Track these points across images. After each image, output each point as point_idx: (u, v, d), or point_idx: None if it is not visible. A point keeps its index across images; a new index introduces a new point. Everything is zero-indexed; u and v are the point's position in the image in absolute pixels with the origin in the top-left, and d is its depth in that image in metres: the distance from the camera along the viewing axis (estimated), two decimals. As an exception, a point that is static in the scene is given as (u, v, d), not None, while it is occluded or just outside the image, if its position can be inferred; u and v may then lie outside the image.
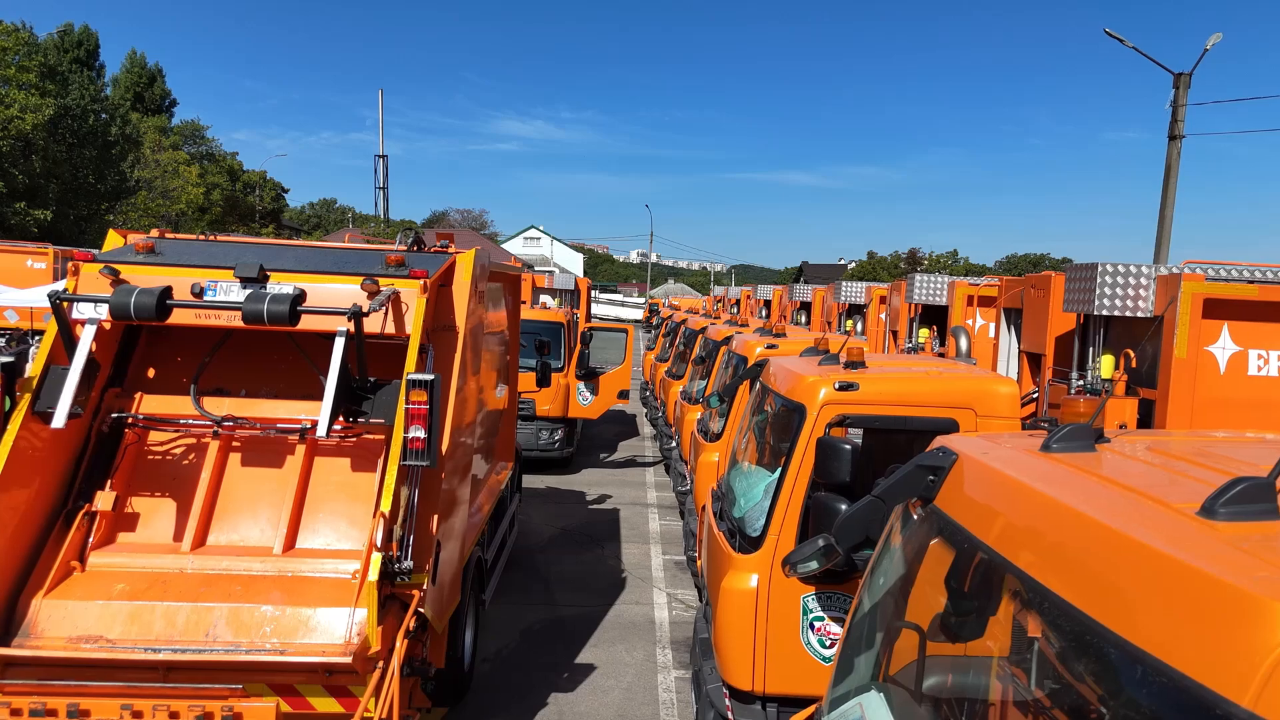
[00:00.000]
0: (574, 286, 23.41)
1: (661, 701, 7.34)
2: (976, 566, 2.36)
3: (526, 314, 14.52)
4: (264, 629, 5.12)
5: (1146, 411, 6.54)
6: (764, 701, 5.23)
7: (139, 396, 6.05)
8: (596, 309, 48.96)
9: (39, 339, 10.06)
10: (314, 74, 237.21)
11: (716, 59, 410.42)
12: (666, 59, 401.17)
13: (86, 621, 5.13)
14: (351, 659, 4.84)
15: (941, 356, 10.89)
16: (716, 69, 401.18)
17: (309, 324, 5.61)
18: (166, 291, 5.43)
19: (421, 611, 5.41)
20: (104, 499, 5.62)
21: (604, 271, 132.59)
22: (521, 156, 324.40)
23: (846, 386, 5.20)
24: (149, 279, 5.72)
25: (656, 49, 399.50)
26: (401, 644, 5.08)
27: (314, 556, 5.63)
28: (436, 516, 5.68)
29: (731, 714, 5.28)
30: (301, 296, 5.50)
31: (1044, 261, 79.66)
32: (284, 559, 5.58)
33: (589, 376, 15.80)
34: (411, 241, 7.03)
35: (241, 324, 5.47)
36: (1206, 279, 6.22)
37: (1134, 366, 6.51)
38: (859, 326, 15.77)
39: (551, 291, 23.07)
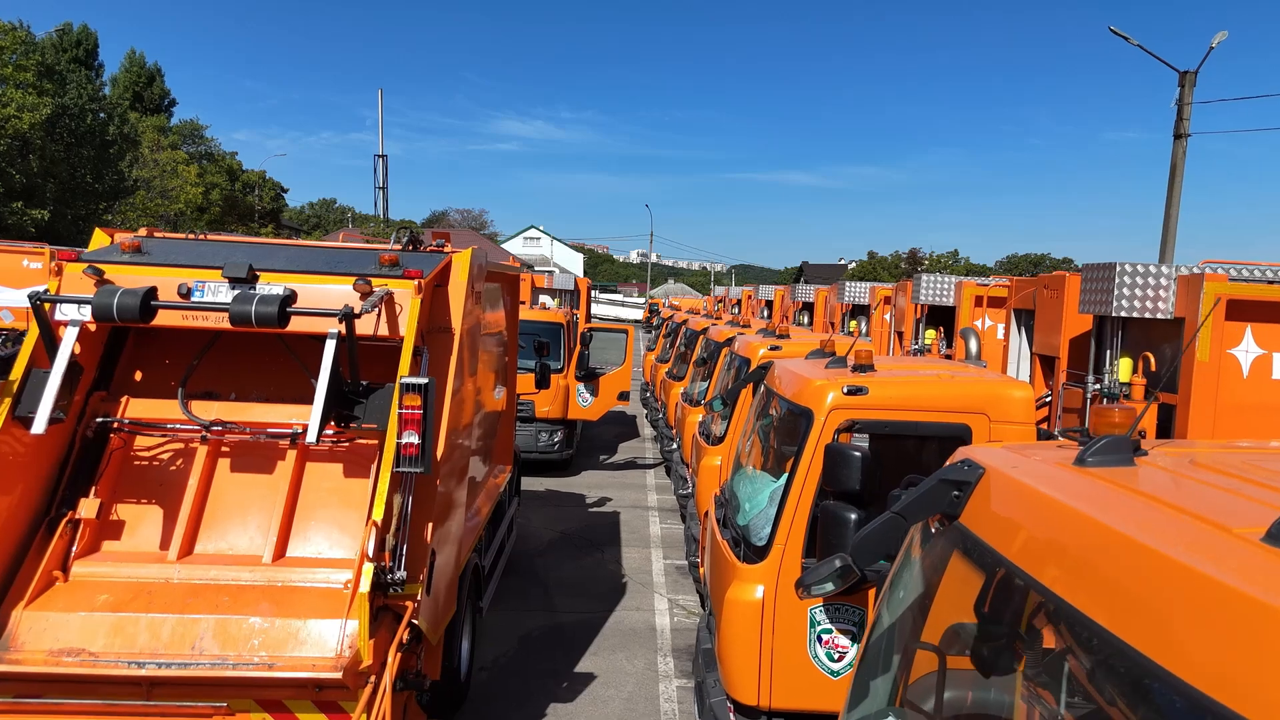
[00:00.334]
0: (574, 286, 23.23)
1: (663, 712, 7.16)
2: (1006, 590, 2.18)
3: (525, 314, 14.35)
4: (252, 642, 4.94)
5: (1166, 417, 6.35)
6: (769, 716, 5.05)
7: (125, 400, 5.87)
8: (596, 309, 48.81)
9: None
10: (314, 74, 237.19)
11: (716, 59, 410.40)
12: (666, 59, 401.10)
13: (68, 634, 4.95)
14: (342, 674, 4.67)
15: (949, 358, 10.72)
16: (716, 69, 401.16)
17: (299, 326, 5.44)
18: (151, 292, 5.25)
19: (416, 623, 5.24)
20: (88, 506, 5.44)
21: (604, 271, 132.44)
22: (521, 156, 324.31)
23: (855, 391, 5.02)
24: (135, 279, 5.55)
25: (656, 49, 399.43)
26: (395, 657, 4.91)
27: (305, 566, 5.45)
28: (431, 524, 5.50)
29: (736, 729, 5.11)
30: (291, 297, 5.33)
31: (1044, 262, 79.45)
32: (274, 568, 5.40)
33: (589, 378, 15.63)
34: (407, 241, 6.86)
35: (229, 326, 5.29)
36: (1229, 279, 6.03)
37: (1153, 370, 6.33)
38: (863, 327, 15.59)
39: (551, 292, 22.90)
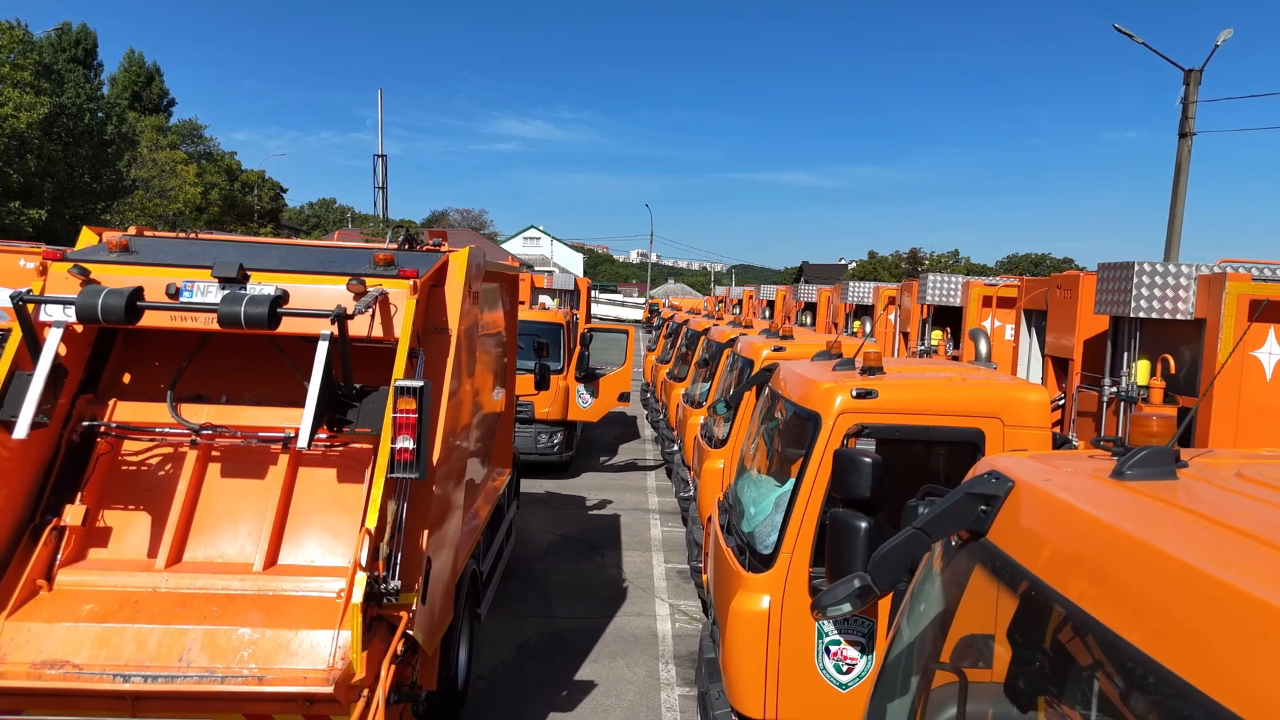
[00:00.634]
0: (573, 286, 23.06)
1: (665, 722, 7.01)
2: (1041, 614, 2.03)
3: (525, 314, 14.20)
4: (241, 653, 4.78)
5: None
6: (776, 730, 4.89)
7: (113, 403, 5.71)
8: (596, 309, 48.67)
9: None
10: (313, 74, 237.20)
11: (716, 59, 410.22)
12: (666, 59, 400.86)
13: (52, 646, 4.78)
14: (334, 688, 4.51)
15: (956, 360, 10.55)
16: (716, 69, 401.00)
17: (291, 327, 5.29)
18: (137, 292, 5.09)
19: (411, 634, 5.08)
20: (74, 513, 5.28)
21: (604, 271, 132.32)
22: (521, 156, 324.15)
23: (864, 394, 4.86)
24: (122, 279, 5.39)
25: (656, 49, 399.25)
26: (388, 670, 4.74)
27: (296, 574, 5.30)
28: (427, 531, 5.34)
29: (741, 743, 4.95)
30: (282, 298, 5.17)
31: (1045, 261, 79.35)
32: (264, 577, 5.24)
33: (589, 379, 15.46)
34: (403, 240, 6.69)
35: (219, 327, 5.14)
36: (1252, 279, 5.87)
37: (1172, 373, 6.16)
38: (867, 328, 15.41)
39: (551, 292, 22.73)
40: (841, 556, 4.38)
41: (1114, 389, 6.73)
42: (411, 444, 4.93)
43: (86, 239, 6.09)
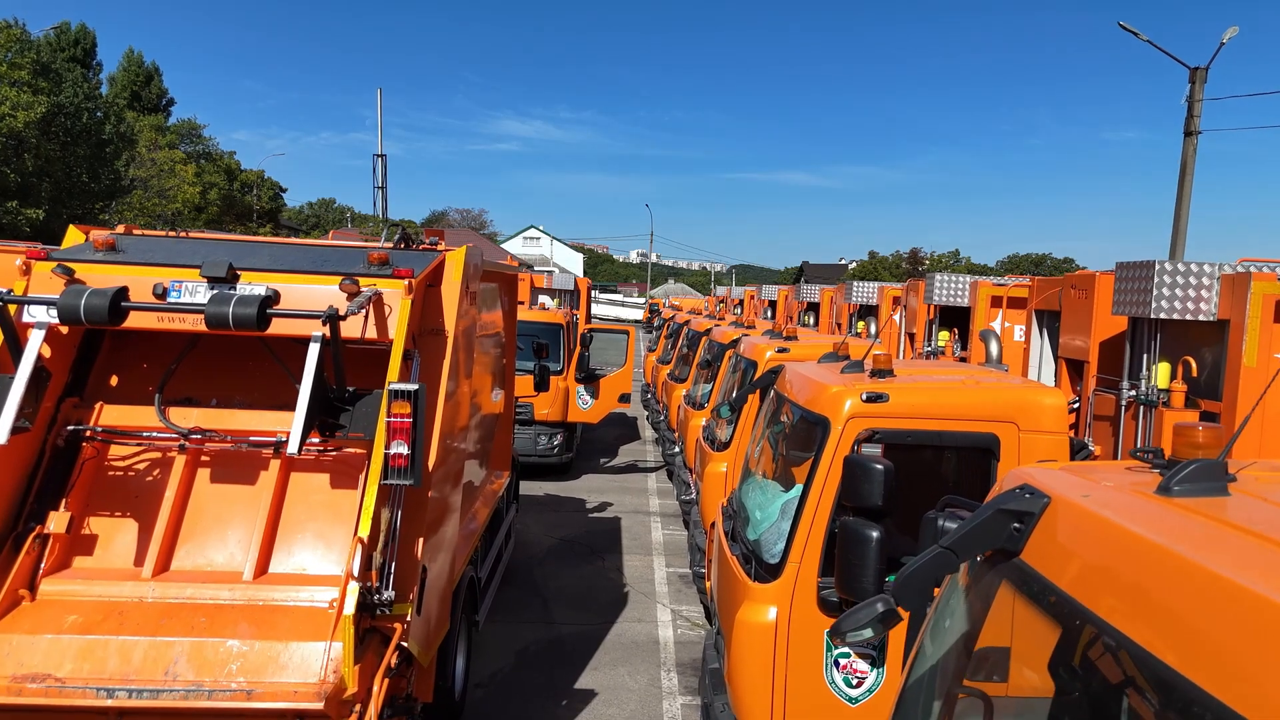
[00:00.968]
0: (573, 286, 22.89)
1: (667, 732, 6.85)
2: (1086, 645, 1.86)
3: (524, 315, 14.04)
4: (229, 666, 4.61)
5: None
6: (783, 745, 4.72)
7: (99, 407, 5.54)
8: (596, 309, 48.49)
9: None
10: (313, 74, 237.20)
11: (716, 59, 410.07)
12: (666, 59, 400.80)
13: (34, 658, 4.62)
14: (324, 703, 4.35)
15: (963, 361, 10.38)
16: (716, 69, 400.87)
17: (282, 328, 5.12)
18: (122, 292, 4.92)
19: (405, 645, 4.92)
20: (58, 520, 5.12)
21: (604, 271, 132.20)
22: (521, 156, 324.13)
23: (875, 398, 4.69)
24: (108, 279, 5.22)
25: (656, 49, 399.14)
26: (382, 684, 4.59)
27: (288, 583, 5.13)
28: (422, 539, 5.18)
29: (747, 759, 4.78)
30: (271, 298, 5.01)
31: (1045, 261, 79.22)
32: (254, 586, 5.07)
33: (589, 380, 15.30)
34: (398, 238, 6.53)
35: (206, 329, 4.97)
36: (1278, 278, 5.67)
37: (1194, 375, 5.99)
38: (872, 328, 15.23)
39: (550, 292, 22.55)
40: (852, 566, 4.22)
41: (1133, 392, 6.53)
42: (406, 449, 4.77)
43: (73, 238, 5.92)
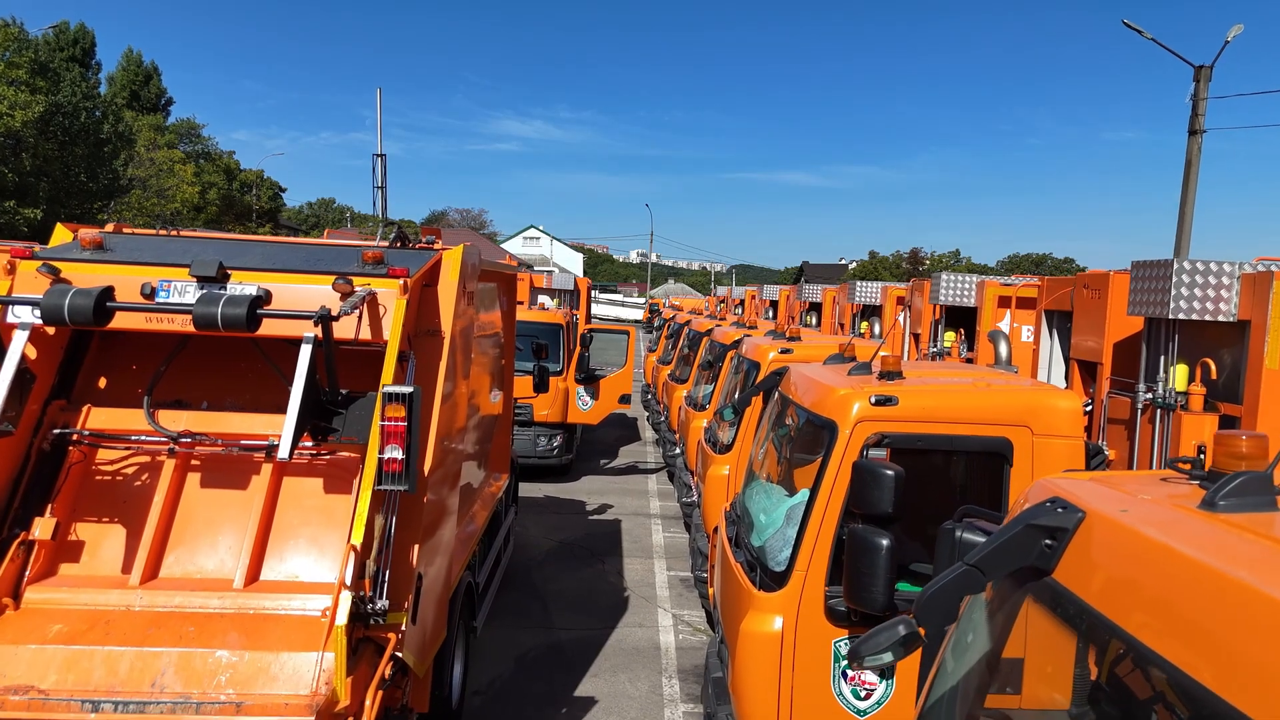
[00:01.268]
0: (573, 286, 22.74)
1: (669, 741, 6.70)
2: (1120, 669, 1.72)
3: (523, 315, 13.90)
4: (218, 678, 4.47)
5: (1227, 429, 5.82)
6: (789, 759, 4.58)
7: (86, 410, 5.40)
8: (596, 309, 48.34)
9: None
10: (313, 74, 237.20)
11: (716, 59, 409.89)
12: (666, 59, 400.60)
13: (16, 669, 4.48)
14: (315, 716, 4.20)
15: (970, 362, 10.23)
16: (716, 69, 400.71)
17: (273, 329, 4.98)
18: (107, 292, 4.78)
19: (400, 656, 4.77)
20: (43, 526, 4.98)
21: (604, 271, 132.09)
22: (521, 156, 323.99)
23: (884, 401, 4.55)
24: (95, 278, 5.09)
25: (656, 49, 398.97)
26: (375, 696, 4.44)
27: (279, 591, 4.99)
28: (417, 546, 5.04)
29: (752, 772, 4.64)
30: (262, 298, 4.87)
31: (1046, 261, 79.13)
32: (245, 594, 4.93)
33: (589, 380, 15.15)
34: (394, 237, 6.39)
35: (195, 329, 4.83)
36: (1300, 277, 5.54)
37: (1213, 378, 5.84)
38: (876, 328, 15.08)
39: (550, 292, 22.39)
40: (862, 576, 4.09)
41: (1149, 395, 6.38)
42: (400, 454, 4.63)
43: (60, 236, 5.79)
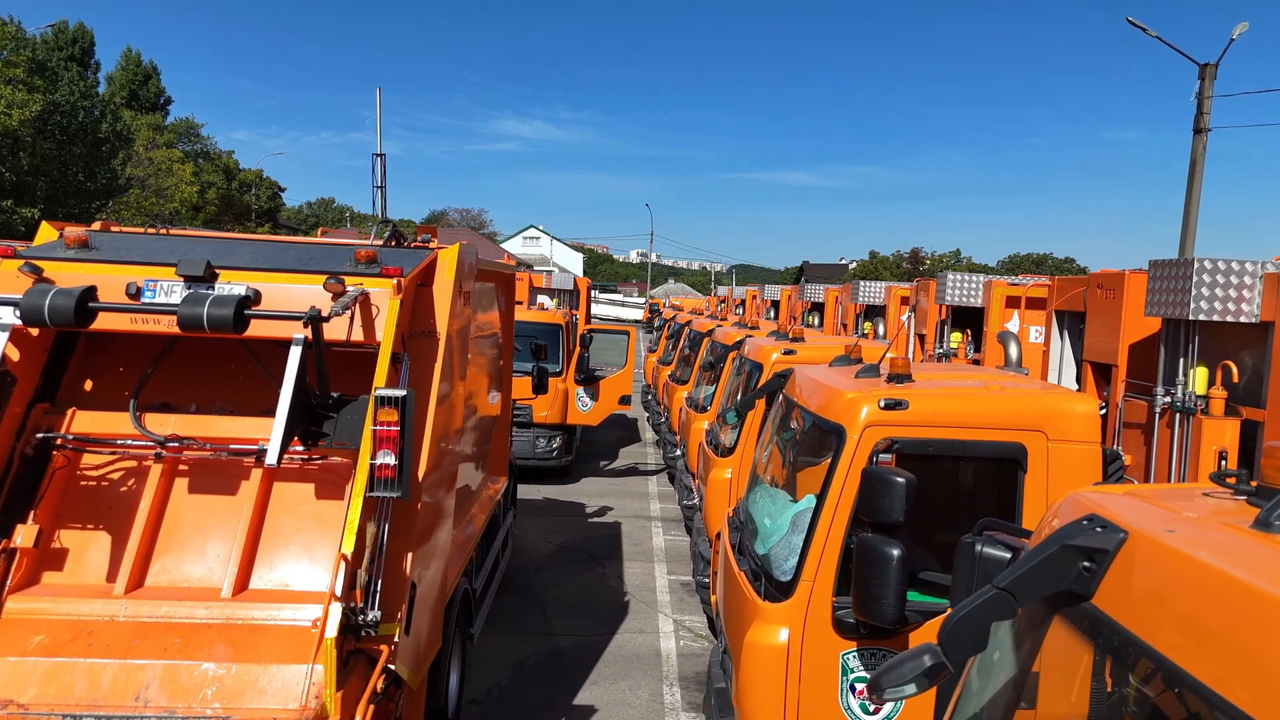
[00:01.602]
0: (573, 286, 22.57)
1: (670, 752, 6.55)
2: (1172, 708, 1.56)
3: (523, 315, 13.74)
4: (204, 691, 4.32)
5: (1249, 434, 5.70)
6: (795, 775, 4.43)
7: (71, 413, 5.24)
8: (596, 309, 48.17)
9: None
10: (313, 74, 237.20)
11: (716, 59, 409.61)
12: (666, 59, 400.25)
13: (-5, 682, 4.34)
14: (304, 732, 4.05)
15: (977, 364, 10.07)
16: (716, 69, 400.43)
17: (262, 330, 4.83)
18: (89, 292, 4.63)
19: (392, 668, 4.62)
20: (25, 533, 4.82)
21: (604, 271, 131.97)
22: (520, 156, 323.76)
23: (893, 405, 4.39)
24: (79, 277, 4.94)
25: (656, 49, 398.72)
26: (367, 710, 4.29)
27: (269, 600, 4.83)
28: (411, 554, 4.88)
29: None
30: (249, 298, 4.72)
31: (1047, 261, 79.00)
32: (233, 604, 4.78)
33: (588, 381, 15.00)
34: (389, 236, 6.24)
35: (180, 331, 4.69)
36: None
37: (1235, 381, 5.68)
38: (879, 329, 14.91)
39: (550, 291, 22.23)
40: (871, 587, 3.94)
41: (1167, 399, 6.22)
42: (393, 459, 4.47)
43: (45, 234, 5.64)
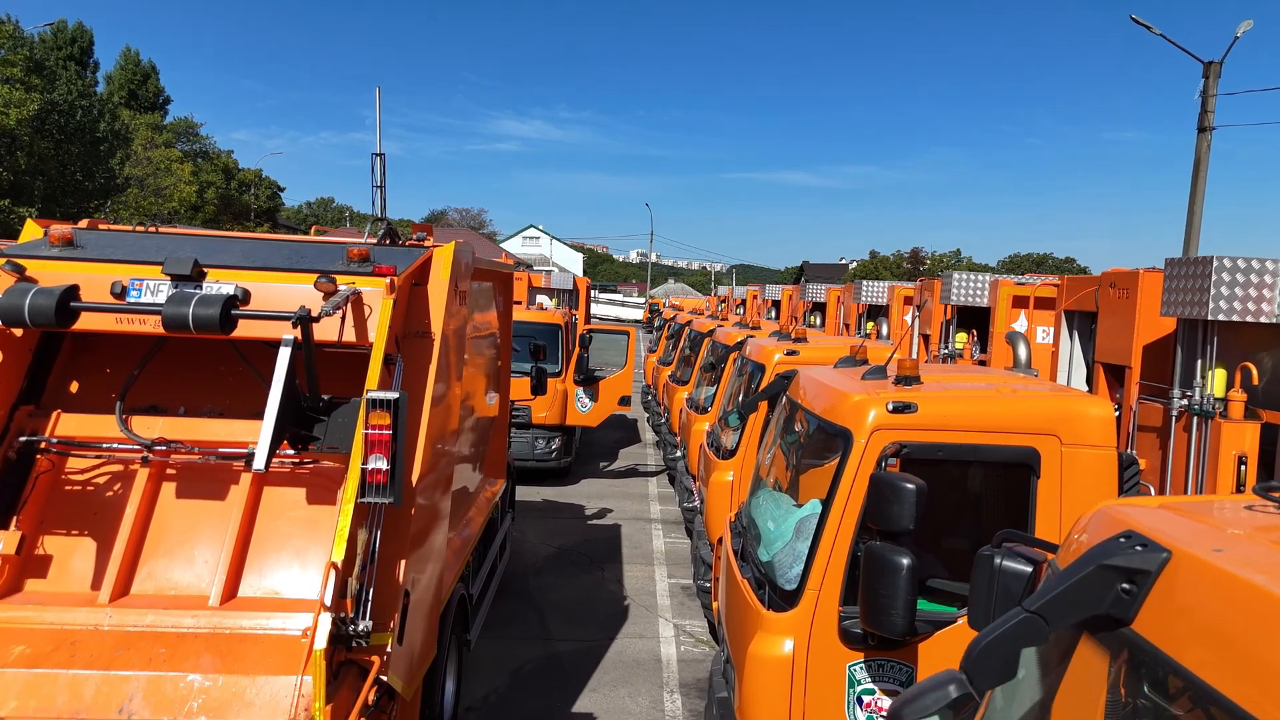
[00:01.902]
0: (572, 286, 22.42)
1: (671, 762, 6.41)
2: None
3: (521, 315, 13.60)
4: (190, 704, 4.18)
5: (1269, 438, 5.54)
6: (800, 790, 4.29)
7: (56, 416, 5.10)
8: (596, 309, 48.05)
9: None
10: (313, 74, 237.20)
11: (716, 59, 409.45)
12: (665, 59, 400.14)
13: (-26, 695, 4.19)
14: (292, 747, 3.91)
15: (982, 364, 9.93)
16: (715, 69, 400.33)
17: (250, 331, 4.70)
18: (71, 291, 4.49)
19: (385, 679, 4.48)
20: (7, 539, 4.68)
21: (604, 271, 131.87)
22: (520, 156, 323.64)
23: (902, 408, 4.25)
24: (63, 276, 4.80)
25: (656, 49, 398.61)
26: (357, 724, 4.14)
27: (258, 609, 4.69)
28: (404, 562, 4.74)
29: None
30: (238, 298, 4.58)
31: (1047, 261, 78.83)
32: (221, 612, 4.63)
33: (588, 382, 14.85)
34: (383, 234, 6.09)
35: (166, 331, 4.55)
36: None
37: (1255, 383, 5.53)
38: (883, 329, 14.77)
39: (549, 291, 22.08)
40: (880, 598, 3.80)
41: (1184, 401, 6.06)
42: (385, 464, 4.33)
43: (30, 232, 5.50)
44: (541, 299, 19.84)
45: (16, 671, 4.23)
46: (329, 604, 4.05)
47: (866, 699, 4.23)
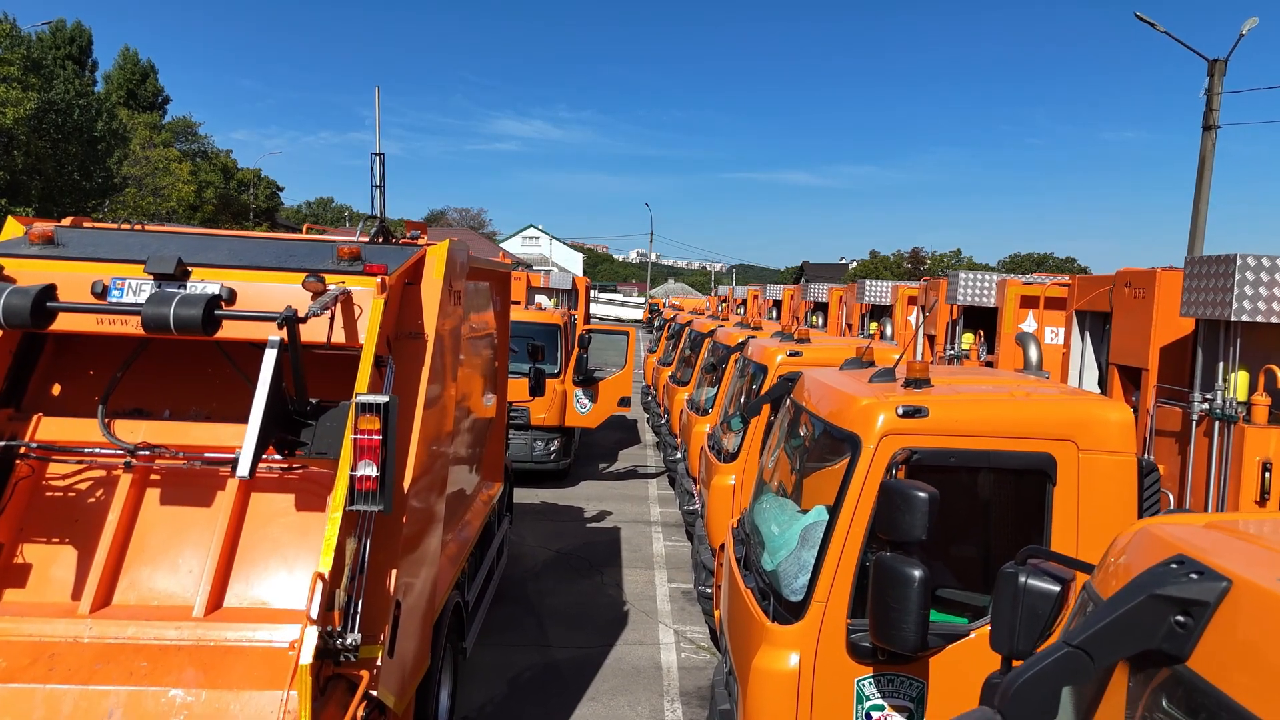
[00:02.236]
0: (571, 286, 22.27)
1: (672, 774, 6.25)
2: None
3: (520, 315, 13.44)
4: (171, 720, 4.02)
5: None
6: (806, 809, 4.12)
7: (37, 419, 4.94)
8: (596, 309, 47.89)
9: None
10: (312, 74, 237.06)
11: (715, 58, 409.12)
12: (665, 58, 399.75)
13: (-52, 710, 4.04)
14: (276, 766, 3.75)
15: (990, 365, 9.77)
16: (715, 69, 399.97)
17: (235, 331, 4.54)
18: (48, 291, 4.33)
19: (375, 694, 4.32)
20: None
21: (603, 271, 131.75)
22: (520, 156, 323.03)
23: (912, 412, 4.09)
24: (43, 275, 4.65)
25: (656, 49, 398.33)
26: (346, 741, 3.99)
27: (244, 620, 4.53)
28: (395, 571, 4.58)
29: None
30: (222, 297, 4.42)
31: (1048, 261, 78.66)
32: (205, 624, 4.47)
33: (587, 382, 14.69)
34: (375, 232, 5.93)
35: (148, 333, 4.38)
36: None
37: (1279, 387, 5.35)
38: (886, 329, 14.61)
39: (548, 291, 21.91)
40: (891, 611, 3.64)
41: (1205, 405, 5.88)
42: (374, 470, 4.17)
43: (11, 230, 5.33)
44: (540, 299, 19.67)
45: (-8, 686, 4.07)
46: (315, 617, 3.90)
47: (875, 715, 4.07)
